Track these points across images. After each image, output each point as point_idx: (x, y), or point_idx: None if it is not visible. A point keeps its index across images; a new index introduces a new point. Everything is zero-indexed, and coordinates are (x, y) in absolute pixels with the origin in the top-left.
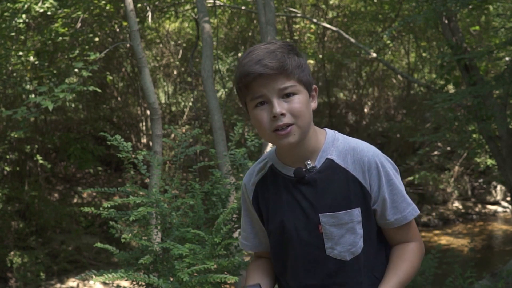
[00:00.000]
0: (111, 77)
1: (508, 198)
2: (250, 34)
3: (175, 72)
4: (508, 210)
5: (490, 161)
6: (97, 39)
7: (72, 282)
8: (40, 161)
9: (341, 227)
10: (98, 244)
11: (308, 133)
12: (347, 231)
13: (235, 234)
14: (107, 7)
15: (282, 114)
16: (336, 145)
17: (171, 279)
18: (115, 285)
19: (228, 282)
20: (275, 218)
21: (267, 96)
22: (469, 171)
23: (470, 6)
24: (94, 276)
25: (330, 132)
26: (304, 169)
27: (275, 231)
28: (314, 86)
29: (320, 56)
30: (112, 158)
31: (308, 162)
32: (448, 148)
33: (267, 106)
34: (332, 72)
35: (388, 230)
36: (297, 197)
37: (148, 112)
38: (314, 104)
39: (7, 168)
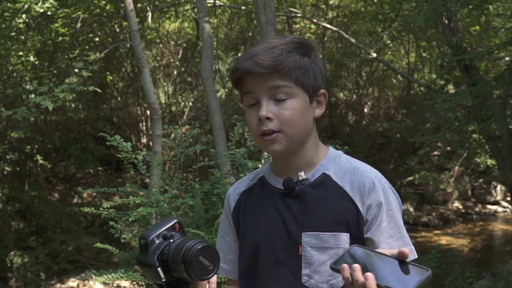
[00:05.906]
0: (111, 77)
1: (508, 198)
2: (250, 34)
3: (175, 72)
4: (508, 210)
5: (490, 161)
6: (97, 39)
7: (72, 282)
8: (40, 161)
9: (324, 252)
10: (98, 244)
11: (304, 144)
12: (329, 257)
13: None
14: (107, 7)
15: (268, 118)
16: (336, 162)
17: None
18: (115, 285)
19: None
20: (252, 231)
21: (256, 96)
22: (469, 171)
23: (470, 6)
24: (94, 276)
25: (333, 150)
26: (295, 181)
27: (248, 247)
28: (322, 90)
29: (320, 56)
30: (112, 158)
31: (301, 174)
32: (448, 148)
33: (257, 107)
34: (332, 72)
35: None
36: (281, 211)
37: (148, 112)
38: (319, 111)
39: (7, 168)
